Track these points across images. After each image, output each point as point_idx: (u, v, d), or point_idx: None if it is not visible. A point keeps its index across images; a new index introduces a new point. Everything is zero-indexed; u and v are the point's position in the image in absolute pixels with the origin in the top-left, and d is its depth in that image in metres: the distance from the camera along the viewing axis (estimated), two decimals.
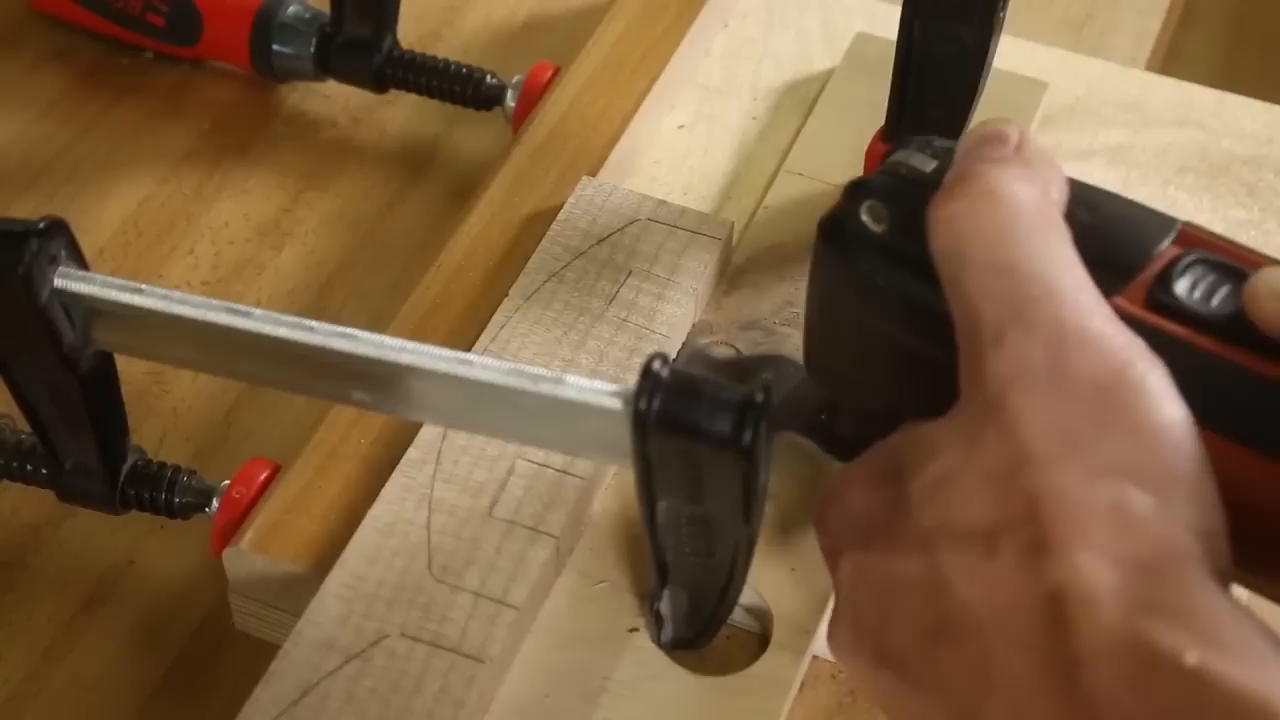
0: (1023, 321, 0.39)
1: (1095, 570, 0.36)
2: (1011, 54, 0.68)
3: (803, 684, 0.52)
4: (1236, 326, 0.40)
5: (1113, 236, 0.42)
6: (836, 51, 0.72)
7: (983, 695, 0.37)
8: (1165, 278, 0.41)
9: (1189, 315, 0.41)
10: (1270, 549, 0.39)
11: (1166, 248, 0.42)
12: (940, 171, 0.44)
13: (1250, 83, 0.77)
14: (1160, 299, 0.41)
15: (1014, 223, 0.40)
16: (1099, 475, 0.37)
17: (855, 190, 0.45)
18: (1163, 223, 0.43)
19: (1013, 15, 0.58)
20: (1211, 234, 0.43)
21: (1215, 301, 0.41)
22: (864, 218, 0.45)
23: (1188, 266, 0.42)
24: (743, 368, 0.59)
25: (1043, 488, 0.37)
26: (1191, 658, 0.34)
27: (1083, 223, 0.42)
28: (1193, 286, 0.41)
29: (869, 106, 0.63)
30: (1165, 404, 0.38)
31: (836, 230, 0.46)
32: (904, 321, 0.45)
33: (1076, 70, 0.72)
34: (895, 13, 0.58)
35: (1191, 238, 0.43)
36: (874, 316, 0.46)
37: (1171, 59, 0.88)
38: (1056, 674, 0.35)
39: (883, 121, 0.61)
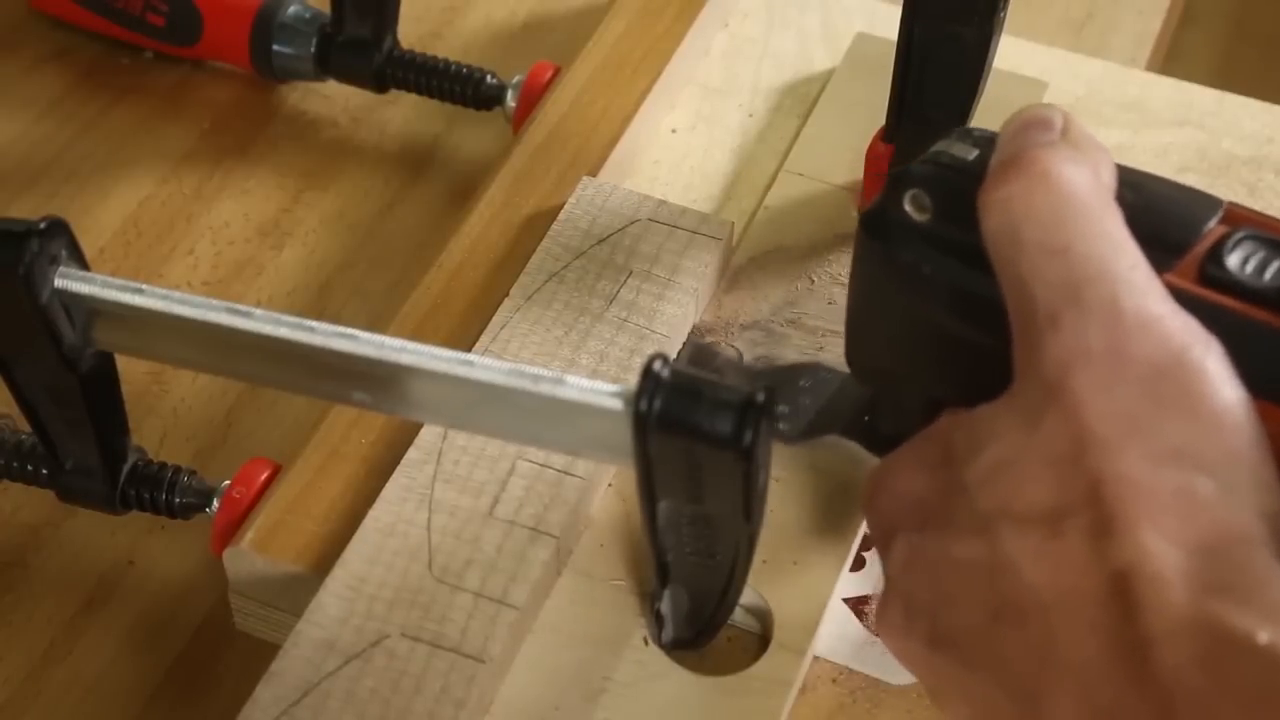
0: (1079, 304, 0.39)
1: (1162, 551, 0.36)
2: (1011, 54, 0.68)
3: (803, 685, 0.52)
4: None
5: (1161, 216, 0.43)
6: (836, 51, 0.72)
7: (1046, 674, 0.37)
8: (1216, 254, 0.42)
9: (1243, 289, 0.41)
10: None
11: (1214, 226, 0.43)
12: (983, 159, 0.44)
13: (1250, 83, 0.77)
14: (1213, 274, 0.42)
15: (1068, 204, 0.41)
16: (1162, 458, 0.37)
17: (897, 181, 0.46)
18: (1209, 202, 0.44)
19: (1013, 15, 0.58)
20: (1257, 212, 0.43)
21: (1269, 275, 0.41)
22: (907, 208, 0.46)
23: (1238, 243, 0.42)
24: (778, 375, 0.59)
25: (1106, 471, 0.37)
26: (1264, 636, 0.34)
27: (1131, 204, 0.42)
28: (1244, 261, 0.42)
29: (869, 106, 0.63)
30: (1225, 386, 0.38)
31: (879, 222, 0.46)
32: (953, 309, 0.45)
33: (1076, 70, 0.72)
34: (895, 13, 0.58)
35: (1238, 216, 0.43)
36: (921, 306, 0.46)
37: (1171, 59, 0.88)
38: (1126, 654, 0.36)
39: (883, 121, 0.61)
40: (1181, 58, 0.98)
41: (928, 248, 0.45)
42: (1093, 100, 0.71)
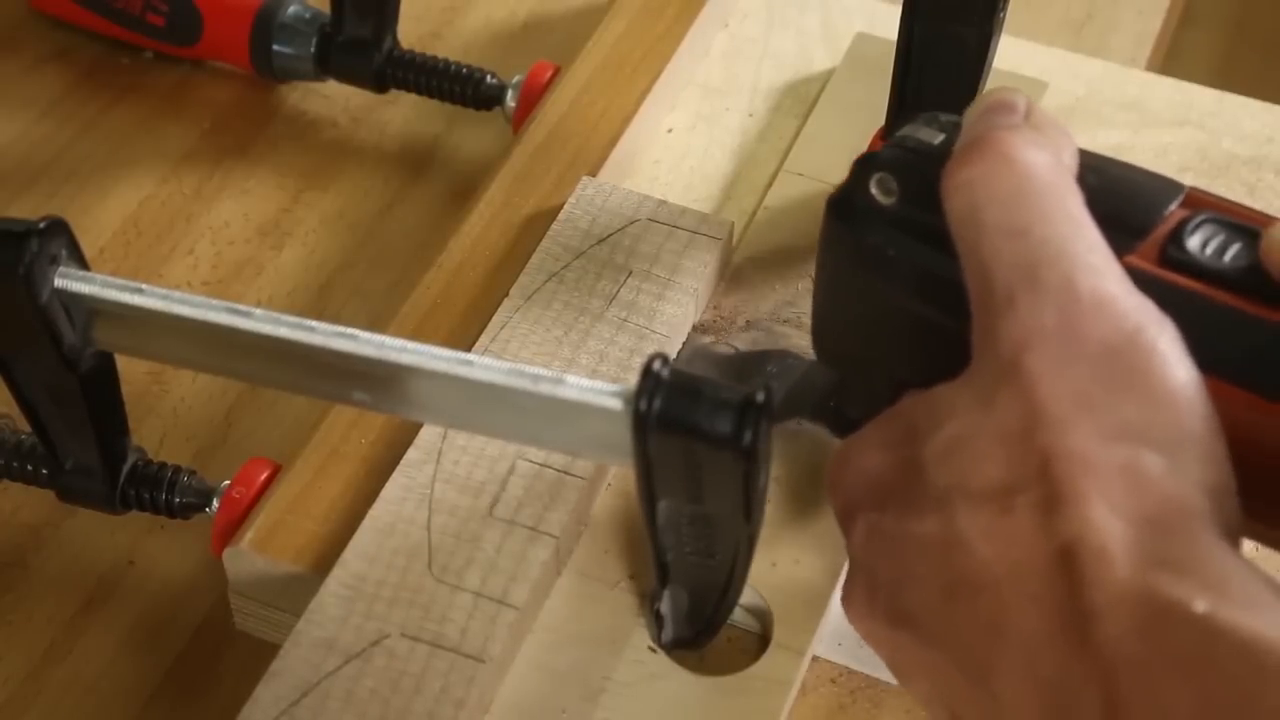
0: (1036, 284, 0.39)
1: (1107, 526, 0.36)
2: (1011, 54, 0.68)
3: (803, 686, 0.52)
4: (1250, 280, 0.41)
5: (1123, 199, 0.44)
6: (836, 51, 0.72)
7: (996, 649, 0.38)
8: (1177, 236, 0.43)
9: (1204, 270, 0.42)
10: (1277, 496, 0.40)
11: (1175, 209, 0.44)
12: (948, 143, 0.45)
13: (1250, 83, 0.77)
14: (1174, 256, 0.42)
15: (1028, 186, 0.41)
16: (1111, 436, 0.37)
17: (863, 165, 0.46)
18: (1170, 186, 0.44)
19: (1013, 15, 0.58)
20: (1217, 197, 0.44)
21: (1228, 257, 0.42)
22: (873, 191, 0.46)
23: (1199, 225, 0.43)
24: (745, 362, 0.59)
25: (1056, 447, 0.38)
26: (1200, 606, 0.35)
27: (1093, 187, 0.42)
28: (1204, 244, 0.42)
29: (869, 106, 0.63)
30: (1176, 366, 0.38)
31: (846, 206, 0.47)
32: (917, 291, 0.46)
33: (1076, 70, 0.72)
34: (895, 13, 0.58)
35: (1199, 200, 0.44)
36: (886, 288, 0.46)
37: (1171, 59, 0.88)
38: (1068, 626, 0.36)
39: (883, 121, 0.61)
40: (1181, 58, 0.98)
41: (893, 231, 0.46)
42: (1093, 100, 0.71)
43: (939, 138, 0.45)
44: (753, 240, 0.64)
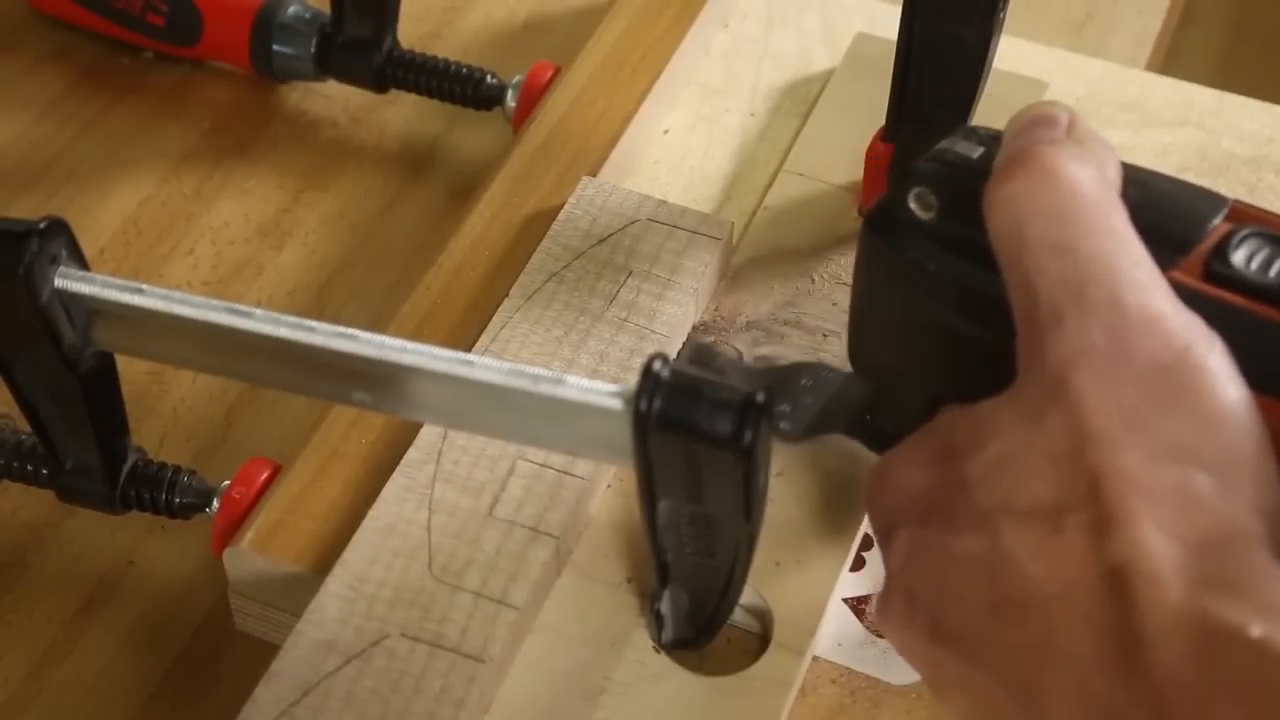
0: (1082, 301, 0.39)
1: (1159, 547, 0.36)
2: (1011, 54, 0.68)
3: (803, 686, 0.52)
4: None
5: (1166, 214, 0.43)
6: (836, 51, 0.72)
7: (1044, 670, 0.37)
8: (1222, 251, 0.42)
9: (1249, 285, 0.41)
10: None
11: (1219, 223, 0.43)
12: (987, 157, 0.44)
13: (1250, 83, 0.77)
14: (1219, 271, 0.42)
15: (1073, 202, 0.41)
16: (1162, 456, 0.37)
17: (902, 179, 0.46)
18: (1214, 200, 0.44)
19: (1013, 15, 0.58)
20: (1262, 209, 0.44)
21: (1273, 272, 0.41)
22: (912, 205, 0.46)
23: (1243, 239, 0.42)
24: (780, 374, 0.59)
25: (1107, 467, 0.37)
26: (1256, 630, 0.34)
27: (1136, 201, 0.42)
28: (1249, 258, 0.42)
29: (869, 106, 0.63)
30: (1227, 385, 0.38)
31: (884, 220, 0.47)
32: (957, 306, 0.45)
33: (1076, 70, 0.72)
34: (895, 13, 0.58)
35: (1243, 214, 0.43)
36: (926, 303, 0.46)
37: (1171, 59, 0.88)
38: (1120, 649, 0.36)
39: (883, 121, 0.61)
40: (1181, 58, 0.98)
41: (933, 245, 0.45)
42: (1093, 100, 0.71)
43: (978, 151, 0.45)
44: (753, 240, 0.64)
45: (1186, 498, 0.37)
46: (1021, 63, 0.70)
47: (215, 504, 0.54)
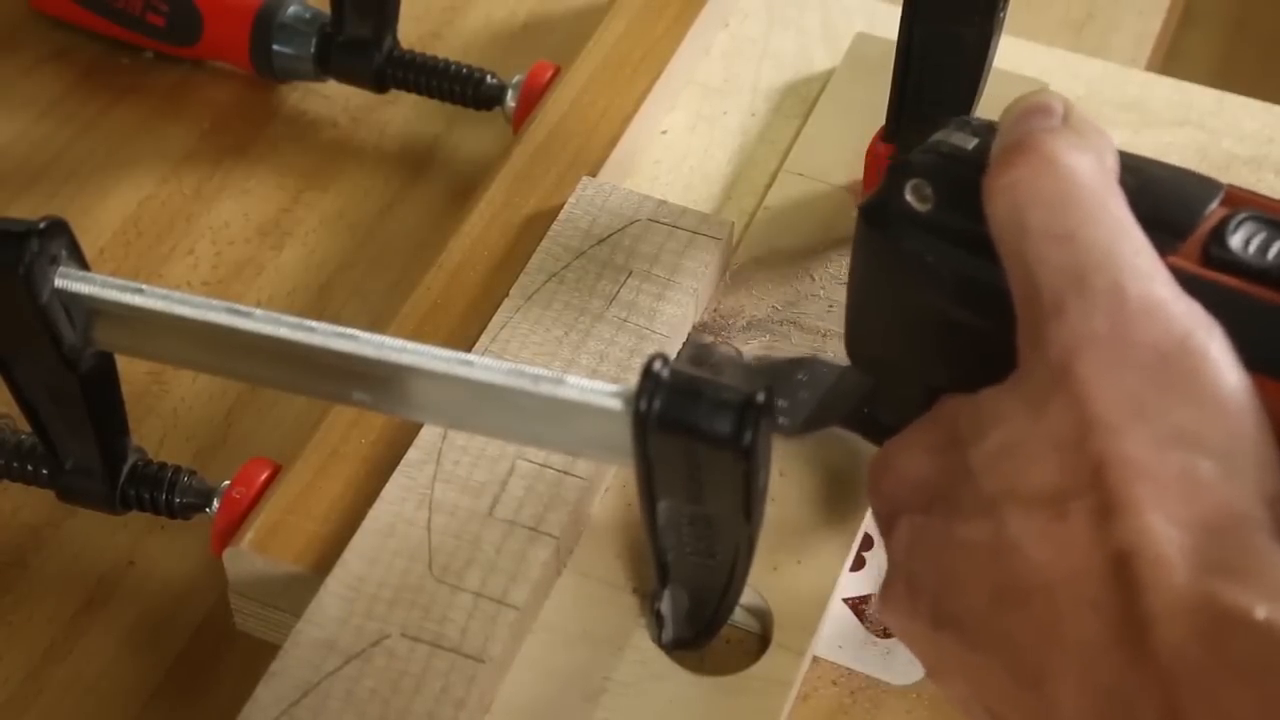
0: (1084, 289, 0.39)
1: (1164, 532, 0.36)
2: (1011, 54, 0.68)
3: (804, 687, 0.52)
4: None
5: (1163, 199, 0.43)
6: (836, 51, 0.72)
7: (1049, 654, 0.38)
8: (1219, 235, 0.42)
9: (1247, 269, 0.42)
10: None
11: (1216, 208, 0.43)
12: (983, 147, 0.44)
13: (1250, 83, 0.77)
14: (1217, 255, 0.42)
15: (1073, 190, 0.41)
16: (1165, 442, 0.37)
17: (898, 171, 0.46)
18: (1210, 185, 0.44)
19: (1013, 15, 0.58)
20: (1257, 194, 0.44)
21: (1271, 255, 0.42)
22: (908, 197, 0.46)
23: (1240, 223, 0.42)
24: (776, 369, 0.59)
25: (1110, 453, 0.38)
26: (1261, 612, 0.35)
27: (1133, 188, 0.42)
28: (1247, 242, 0.42)
29: (869, 106, 0.63)
30: (1228, 371, 0.38)
31: (880, 212, 0.47)
32: (956, 296, 0.45)
33: (1076, 70, 0.72)
34: (895, 13, 0.58)
35: (1239, 198, 0.44)
36: (924, 294, 0.46)
37: (1171, 59, 0.88)
38: (1126, 633, 0.36)
39: (883, 121, 0.61)
40: (1181, 58, 0.98)
41: (930, 236, 0.46)
42: (1093, 100, 0.71)
43: (973, 142, 0.45)
44: (753, 240, 0.64)
45: (1190, 483, 0.37)
46: (1021, 63, 0.70)
47: (215, 504, 0.54)
